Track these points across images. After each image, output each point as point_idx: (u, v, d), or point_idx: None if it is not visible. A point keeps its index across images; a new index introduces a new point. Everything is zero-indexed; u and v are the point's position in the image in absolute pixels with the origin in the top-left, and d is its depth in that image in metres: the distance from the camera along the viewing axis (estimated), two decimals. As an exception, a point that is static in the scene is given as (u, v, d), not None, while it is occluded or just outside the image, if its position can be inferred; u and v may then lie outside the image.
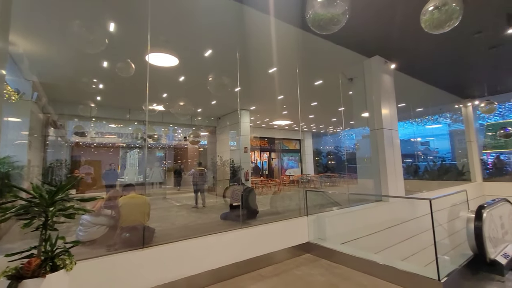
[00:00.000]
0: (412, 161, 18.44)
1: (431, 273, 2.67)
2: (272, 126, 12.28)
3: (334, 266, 3.36)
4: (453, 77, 7.78)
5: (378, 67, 5.80)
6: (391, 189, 5.34)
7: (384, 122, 5.61)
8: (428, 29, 2.54)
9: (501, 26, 4.75)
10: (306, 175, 12.12)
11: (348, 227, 4.28)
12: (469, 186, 8.60)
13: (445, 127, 13.93)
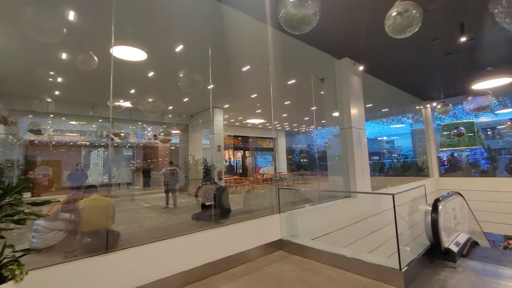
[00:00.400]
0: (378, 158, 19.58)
1: (393, 263, 2.83)
2: (246, 124, 12.28)
3: (305, 261, 3.44)
4: (414, 80, 8.36)
5: (348, 68, 6.03)
6: (359, 186, 5.60)
7: (353, 121, 5.86)
8: (391, 33, 2.67)
9: (455, 34, 5.18)
10: (279, 173, 12.33)
11: (318, 223, 4.41)
12: (427, 181, 9.32)
13: (408, 126, 14.94)
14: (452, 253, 3.34)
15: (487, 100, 5.49)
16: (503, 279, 2.90)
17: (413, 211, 4.14)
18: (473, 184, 9.25)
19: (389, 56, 6.46)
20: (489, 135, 21.18)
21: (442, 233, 3.40)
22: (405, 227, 4.41)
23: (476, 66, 7.08)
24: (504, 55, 6.52)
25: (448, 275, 3.04)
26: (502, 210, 8.45)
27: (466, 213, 4.68)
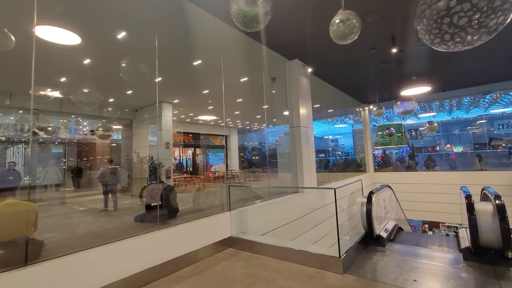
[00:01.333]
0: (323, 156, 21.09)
1: (334, 252, 3.06)
2: (197, 121, 11.91)
3: (254, 257, 3.48)
4: (355, 84, 9.19)
5: (297, 69, 6.30)
6: (306, 181, 5.92)
7: (301, 120, 6.15)
8: (335, 39, 2.86)
9: (388, 46, 5.82)
10: (231, 170, 12.31)
11: (268, 218, 4.52)
12: (364, 176, 10.38)
13: (349, 126, 16.36)
14: (382, 239, 3.77)
15: (412, 105, 6.33)
16: (420, 257, 3.39)
17: (352, 204, 4.56)
18: (400, 178, 10.64)
19: (334, 61, 6.96)
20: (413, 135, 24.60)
21: (375, 222, 3.81)
22: (346, 218, 4.82)
23: (404, 75, 8.12)
24: (426, 67, 7.60)
25: (379, 258, 3.42)
26: (421, 199, 9.90)
27: (394, 203, 5.35)
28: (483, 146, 23.90)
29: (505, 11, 2.08)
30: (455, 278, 2.81)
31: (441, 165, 14.81)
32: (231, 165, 13.53)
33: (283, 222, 4.72)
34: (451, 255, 3.45)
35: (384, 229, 4.05)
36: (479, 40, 2.33)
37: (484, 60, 7.42)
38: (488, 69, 8.31)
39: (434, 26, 2.35)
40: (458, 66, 7.86)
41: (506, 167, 14.72)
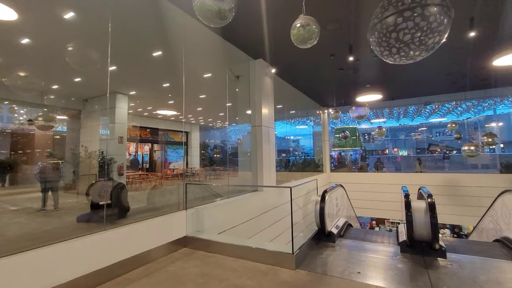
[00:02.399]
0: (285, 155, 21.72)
1: (288, 248, 3.16)
2: (156, 115, 11.30)
3: (209, 256, 3.43)
4: (316, 88, 9.62)
5: (261, 69, 6.36)
6: (265, 180, 6.02)
7: (263, 120, 6.23)
8: (295, 42, 2.94)
9: (346, 54, 6.19)
10: (191, 168, 11.98)
11: (226, 217, 4.49)
12: (322, 176, 10.94)
13: (310, 128, 17.05)
14: (333, 235, 4.01)
15: (365, 110, 6.84)
16: (365, 251, 3.68)
17: (308, 202, 4.75)
18: (352, 178, 11.44)
19: (297, 64, 7.19)
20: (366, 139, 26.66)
21: (327, 219, 4.03)
22: (302, 216, 5.01)
23: (360, 83, 8.73)
24: (378, 77, 8.26)
25: (329, 253, 3.62)
26: (370, 198, 10.78)
27: (345, 201, 5.72)
28: (423, 151, 26.92)
29: (440, 32, 2.35)
30: (393, 269, 3.11)
31: (388, 167, 16.32)
32: (192, 162, 13.13)
33: (241, 221, 4.73)
34: (391, 248, 3.80)
35: (335, 225, 4.31)
36: (419, 56, 2.59)
37: (426, 74, 8.34)
38: (429, 83, 9.36)
39: (384, 40, 2.56)
40: (405, 78, 8.71)
41: (440, 170, 16.72)
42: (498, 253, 3.75)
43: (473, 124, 20.93)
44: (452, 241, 4.97)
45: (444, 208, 9.57)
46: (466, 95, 11.01)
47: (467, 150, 7.56)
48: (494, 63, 6.27)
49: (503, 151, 18.58)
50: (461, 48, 6.05)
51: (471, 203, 9.21)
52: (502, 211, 4.29)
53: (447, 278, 2.81)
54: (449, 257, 3.34)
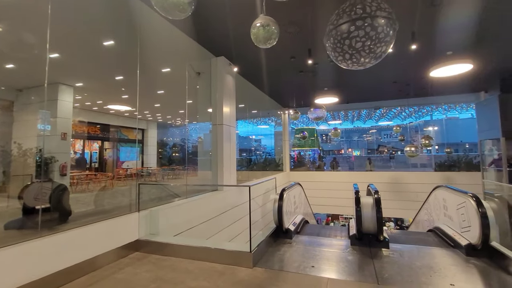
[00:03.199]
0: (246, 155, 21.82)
1: (246, 247, 3.16)
2: (107, 110, 10.39)
3: (164, 259, 3.27)
4: (277, 88, 9.83)
5: (223, 67, 6.27)
6: (226, 180, 5.96)
7: (224, 118, 6.15)
8: (255, 42, 2.94)
9: (305, 57, 6.41)
10: (147, 167, 11.33)
11: (183, 218, 4.33)
12: (282, 175, 11.23)
13: (272, 128, 17.37)
14: (290, 232, 4.13)
15: (322, 112, 7.19)
16: (319, 246, 3.86)
17: (267, 200, 4.82)
18: (310, 176, 11.97)
19: (259, 64, 7.25)
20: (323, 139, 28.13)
21: (285, 217, 4.13)
22: (262, 214, 5.06)
23: (318, 86, 9.17)
24: (335, 81, 8.75)
25: (286, 250, 3.72)
26: (327, 195, 11.38)
27: (303, 199, 5.94)
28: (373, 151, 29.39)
29: (386, 43, 2.56)
30: (343, 261, 3.31)
31: (343, 166, 17.45)
32: (148, 161, 12.40)
33: (200, 221, 4.61)
34: (343, 241, 4.04)
35: (292, 222, 4.44)
36: (369, 63, 2.79)
37: (376, 81, 9.09)
38: (378, 89, 10.23)
39: (338, 46, 2.70)
40: (358, 84, 9.37)
41: (387, 168, 18.37)
42: (431, 241, 4.24)
43: (414, 127, 23.48)
44: (395, 233, 5.50)
45: (389, 203, 10.54)
46: (409, 102, 12.30)
47: (408, 150, 8.44)
48: (430, 74, 7.10)
49: (437, 152, 21.17)
50: (405, 59, 6.71)
51: (411, 198, 10.30)
52: (435, 204, 4.87)
53: (389, 266, 3.08)
54: (392, 247, 3.68)
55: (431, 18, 4.86)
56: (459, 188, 3.86)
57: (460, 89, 10.34)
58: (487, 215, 3.11)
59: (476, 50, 6.20)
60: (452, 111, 19.69)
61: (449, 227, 4.05)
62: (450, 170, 11.08)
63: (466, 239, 3.44)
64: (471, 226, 3.37)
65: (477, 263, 3.15)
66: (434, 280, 2.73)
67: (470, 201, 3.37)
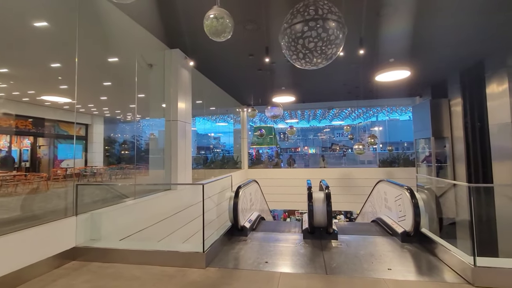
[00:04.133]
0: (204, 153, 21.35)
1: (198, 247, 3.04)
2: (41, 102, 9.04)
3: (107, 266, 2.98)
4: (236, 86, 9.76)
5: (178, 60, 5.97)
6: (180, 178, 5.70)
7: (179, 114, 5.87)
8: (209, 34, 2.83)
9: (263, 55, 6.45)
10: (92, 167, 10.27)
11: (131, 220, 4.01)
12: (240, 172, 11.22)
13: (231, 125, 17.24)
14: (246, 229, 4.12)
15: (279, 110, 7.33)
16: (274, 241, 3.92)
17: (224, 199, 4.74)
18: (268, 174, 12.21)
19: (217, 60, 7.09)
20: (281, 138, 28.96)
21: (240, 214, 4.11)
22: (218, 212, 4.97)
23: (276, 84, 9.34)
24: (291, 80, 9.02)
25: (241, 247, 3.69)
26: (283, 192, 11.72)
27: (259, 196, 6.00)
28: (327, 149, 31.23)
29: (337, 45, 2.68)
30: (296, 254, 3.41)
31: (299, 163, 18.20)
32: (93, 160, 11.17)
33: (151, 223, 4.32)
34: (297, 236, 4.17)
35: (248, 220, 4.44)
36: (321, 63, 2.89)
37: (329, 83, 9.62)
38: (331, 90, 10.86)
39: (292, 44, 2.74)
40: (313, 84, 9.81)
41: (339, 165, 19.67)
42: (374, 231, 4.63)
43: (363, 127, 25.57)
44: (343, 225, 5.89)
45: (340, 197, 11.31)
46: (358, 103, 13.33)
47: (356, 148, 9.13)
48: (376, 78, 7.76)
49: (381, 150, 23.42)
50: (354, 63, 7.22)
51: (359, 192, 11.18)
52: (377, 197, 5.35)
53: (337, 257, 3.27)
54: (340, 238, 3.92)
55: (376, 27, 5.28)
56: (397, 182, 4.29)
57: (400, 94, 11.56)
58: (418, 205, 3.49)
59: (412, 59, 6.95)
60: (394, 113, 21.99)
61: (389, 217, 4.48)
62: (391, 166, 12.33)
63: (402, 227, 3.83)
64: (406, 215, 3.77)
65: (410, 248, 3.53)
66: (375, 266, 2.97)
67: (405, 193, 3.75)
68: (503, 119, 6.48)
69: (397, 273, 2.80)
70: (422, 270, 2.93)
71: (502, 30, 5.61)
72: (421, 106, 10.09)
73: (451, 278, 2.65)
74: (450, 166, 8.61)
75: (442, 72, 8.64)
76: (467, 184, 2.52)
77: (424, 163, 9.65)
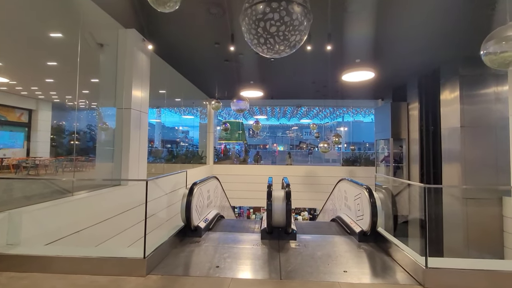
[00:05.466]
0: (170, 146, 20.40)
1: (139, 252, 2.66)
2: (-33, 80, 7.66)
3: (21, 277, 2.47)
4: (203, 77, 9.27)
5: (135, 42, 5.38)
6: (132, 173, 5.17)
7: (134, 102, 5.32)
8: (150, 1, 2.43)
9: (230, 43, 6.08)
10: (34, 158, 9.09)
11: (65, 220, 3.46)
12: (204, 168, 10.78)
13: (198, 119, 16.62)
14: (200, 229, 3.79)
15: (245, 104, 7.05)
16: (230, 243, 3.65)
17: (177, 196, 4.35)
18: (234, 170, 11.92)
19: (180, 46, 6.59)
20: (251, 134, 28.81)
21: (194, 214, 3.77)
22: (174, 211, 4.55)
23: (244, 78, 9.04)
24: (260, 75, 8.78)
25: (192, 250, 3.37)
26: (248, 188, 11.53)
27: (219, 193, 5.69)
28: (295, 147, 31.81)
29: (301, 32, 2.45)
30: (252, 257, 3.18)
31: (266, 160, 18.16)
32: (37, 150, 9.85)
33: (90, 223, 3.79)
34: (255, 236, 3.95)
35: (204, 219, 4.12)
36: (283, 52, 2.65)
37: (297, 79, 9.58)
38: (300, 88, 10.85)
39: (253, 27, 2.47)
40: (281, 80, 9.69)
41: (305, 163, 20.05)
42: (333, 230, 4.60)
43: (329, 127, 26.41)
44: (303, 224, 5.83)
45: (305, 194, 11.43)
46: (326, 103, 13.57)
47: (322, 147, 9.23)
48: (342, 78, 7.83)
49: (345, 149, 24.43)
50: (323, 60, 7.19)
51: (323, 190, 11.37)
52: (338, 195, 5.36)
53: (293, 259, 3.10)
54: (299, 238, 3.78)
55: (344, 24, 5.23)
56: (357, 181, 4.27)
57: (364, 95, 11.97)
58: (376, 205, 3.46)
59: (377, 61, 7.11)
60: (358, 115, 23.03)
61: (348, 216, 4.46)
62: (354, 165, 12.78)
63: (359, 227, 3.80)
64: (364, 215, 3.74)
65: (366, 247, 3.50)
66: (331, 268, 2.85)
67: (364, 193, 3.72)
68: (453, 123, 6.92)
69: (353, 275, 2.70)
70: (376, 272, 2.88)
71: (456, 40, 5.92)
72: (382, 108, 10.52)
73: (404, 279, 2.61)
74: (406, 166, 9.09)
75: (403, 76, 9.05)
76: (423, 185, 2.48)
77: (383, 163, 10.10)
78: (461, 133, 6.65)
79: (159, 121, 20.67)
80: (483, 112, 6.64)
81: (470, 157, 6.59)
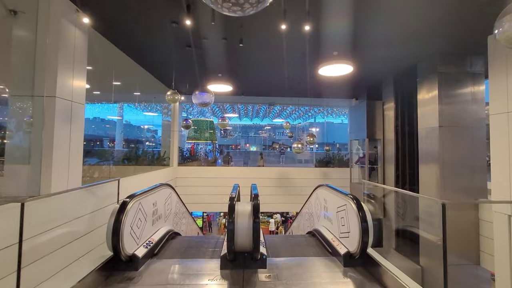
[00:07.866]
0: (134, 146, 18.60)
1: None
2: None
3: None
4: (161, 66, 8.11)
5: (63, 13, 4.17)
6: (60, 178, 3.96)
7: (61, 90, 4.10)
8: None
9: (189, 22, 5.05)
10: None
11: None
12: (166, 170, 9.57)
13: (160, 116, 15.20)
14: (136, 259, 2.78)
15: (209, 97, 6.06)
16: (180, 276, 2.70)
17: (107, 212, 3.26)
18: (201, 172, 10.83)
19: (129, 24, 5.44)
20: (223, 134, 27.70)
21: (128, 238, 2.75)
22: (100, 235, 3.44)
23: (210, 69, 8.04)
24: (228, 67, 7.86)
25: (120, 294, 2.37)
26: (217, 192, 10.52)
27: (174, 204, 4.67)
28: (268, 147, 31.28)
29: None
30: (204, 301, 2.27)
31: (238, 161, 17.24)
32: None
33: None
34: (214, 264, 3.03)
35: (145, 243, 3.10)
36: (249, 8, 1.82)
37: (269, 74, 8.81)
38: (272, 83, 10.10)
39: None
40: (252, 73, 8.86)
41: (278, 164, 19.49)
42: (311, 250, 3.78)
43: (302, 128, 26.23)
44: (275, 239, 4.98)
45: (277, 197, 10.71)
46: (299, 101, 12.99)
47: (295, 147, 8.56)
48: (319, 71, 7.17)
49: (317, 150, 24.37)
50: (298, 51, 6.47)
51: (296, 192, 10.75)
52: (316, 204, 4.63)
53: (262, 302, 2.25)
54: (269, 265, 2.94)
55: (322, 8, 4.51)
56: (340, 189, 3.54)
57: (339, 94, 11.57)
58: (367, 220, 2.74)
59: (354, 55, 6.57)
60: (329, 116, 23.06)
61: (329, 230, 3.72)
62: (327, 166, 12.35)
63: (345, 247, 3.06)
64: (350, 232, 3.00)
65: (354, 275, 2.76)
66: (312, 315, 2.04)
67: (351, 205, 2.98)
68: (431, 123, 6.60)
69: (343, 328, 1.91)
70: (372, 317, 2.13)
71: (435, 35, 5.54)
72: (357, 108, 10.16)
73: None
74: (381, 168, 8.75)
75: (378, 74, 8.69)
76: (440, 201, 1.75)
77: (358, 164, 9.72)
78: (440, 133, 6.33)
79: (120, 118, 18.79)
80: (460, 112, 6.40)
81: (448, 158, 6.31)
